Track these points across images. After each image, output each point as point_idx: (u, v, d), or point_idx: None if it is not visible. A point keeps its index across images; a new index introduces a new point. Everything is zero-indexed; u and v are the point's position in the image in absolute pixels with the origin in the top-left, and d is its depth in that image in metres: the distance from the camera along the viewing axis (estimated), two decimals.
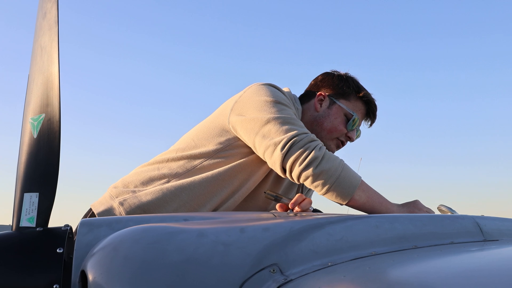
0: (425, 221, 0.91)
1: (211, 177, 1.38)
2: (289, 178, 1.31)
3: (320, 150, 1.27)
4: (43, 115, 0.94)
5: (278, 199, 1.26)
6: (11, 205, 0.92)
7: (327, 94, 1.60)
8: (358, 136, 1.64)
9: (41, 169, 0.91)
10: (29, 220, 0.88)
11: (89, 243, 0.80)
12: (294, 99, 1.56)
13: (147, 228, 0.73)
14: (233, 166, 1.39)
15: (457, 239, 0.90)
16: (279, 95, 1.41)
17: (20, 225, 0.88)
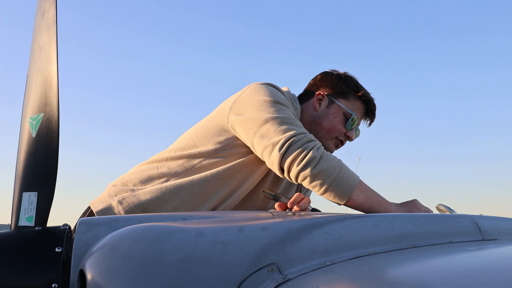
0: (423, 221, 0.92)
1: (210, 177, 1.38)
2: (287, 178, 1.31)
3: (318, 150, 1.27)
4: (42, 114, 0.94)
5: (277, 198, 1.26)
6: (10, 204, 0.92)
7: (326, 93, 1.60)
8: (357, 135, 1.64)
9: (39, 168, 0.91)
10: (27, 219, 0.88)
11: (88, 242, 0.79)
12: (293, 98, 1.56)
13: (146, 227, 0.73)
14: (232, 165, 1.39)
15: (455, 239, 0.90)
16: (278, 94, 1.41)
17: (18, 224, 0.88)
